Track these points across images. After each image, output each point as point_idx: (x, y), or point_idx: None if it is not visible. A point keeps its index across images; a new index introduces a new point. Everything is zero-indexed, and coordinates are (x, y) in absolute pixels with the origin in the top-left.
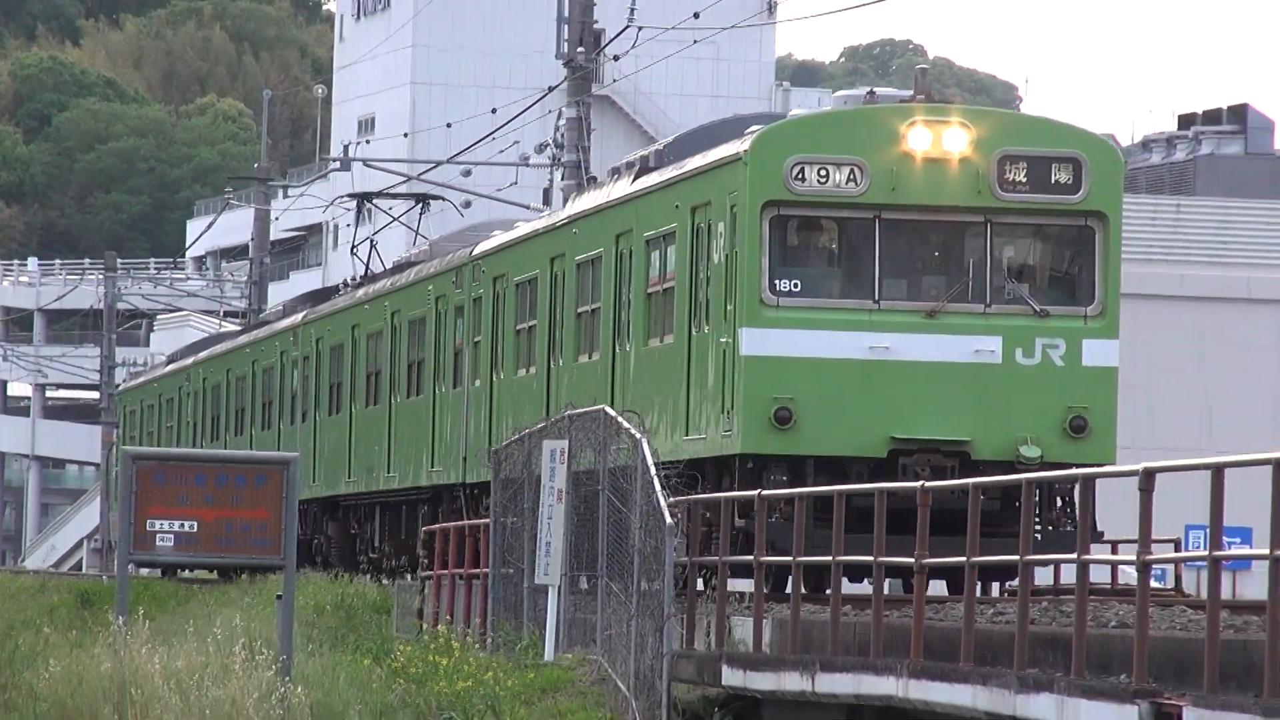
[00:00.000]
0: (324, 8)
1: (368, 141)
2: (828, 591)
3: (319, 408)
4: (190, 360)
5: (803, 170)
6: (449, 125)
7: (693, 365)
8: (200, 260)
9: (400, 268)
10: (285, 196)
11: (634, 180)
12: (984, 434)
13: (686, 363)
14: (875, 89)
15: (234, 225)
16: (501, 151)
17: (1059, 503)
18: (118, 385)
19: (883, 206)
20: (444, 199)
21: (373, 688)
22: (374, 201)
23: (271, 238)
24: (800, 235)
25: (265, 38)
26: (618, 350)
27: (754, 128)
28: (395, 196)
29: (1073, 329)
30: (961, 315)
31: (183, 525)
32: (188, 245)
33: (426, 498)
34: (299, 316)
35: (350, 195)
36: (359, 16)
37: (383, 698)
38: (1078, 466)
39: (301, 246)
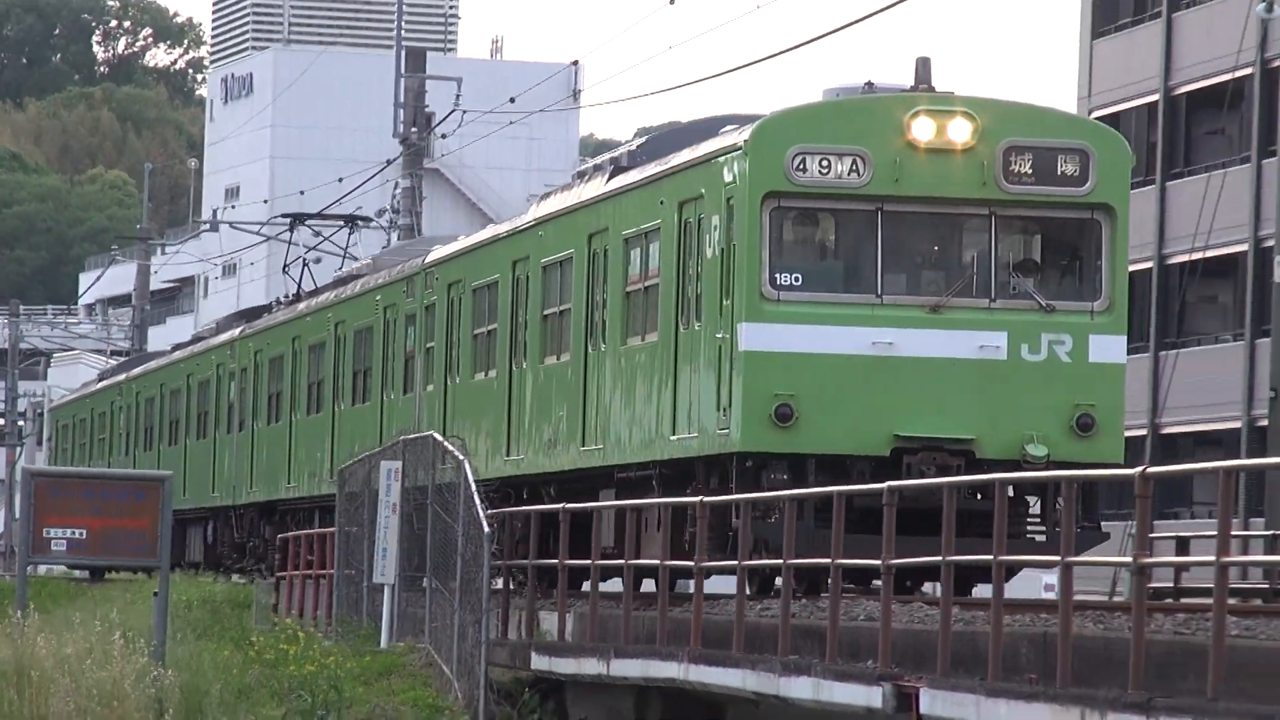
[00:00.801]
0: (196, 92)
1: (233, 207)
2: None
3: (257, 417)
4: (123, 376)
5: (804, 160)
6: (302, 193)
7: (680, 362)
8: (90, 307)
9: (343, 281)
10: (163, 254)
11: (608, 180)
12: (989, 432)
13: (673, 360)
14: (873, 80)
15: (120, 278)
16: (361, 213)
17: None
18: (22, 413)
19: (885, 198)
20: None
21: (233, 671)
22: (306, 223)
23: (151, 288)
24: (801, 227)
25: (147, 118)
26: (590, 351)
27: (729, 127)
28: (327, 218)
29: (1079, 324)
30: (966, 310)
31: (74, 533)
32: (80, 294)
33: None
34: (236, 331)
35: (285, 215)
36: (226, 100)
37: (241, 679)
38: (1085, 465)
39: (176, 295)
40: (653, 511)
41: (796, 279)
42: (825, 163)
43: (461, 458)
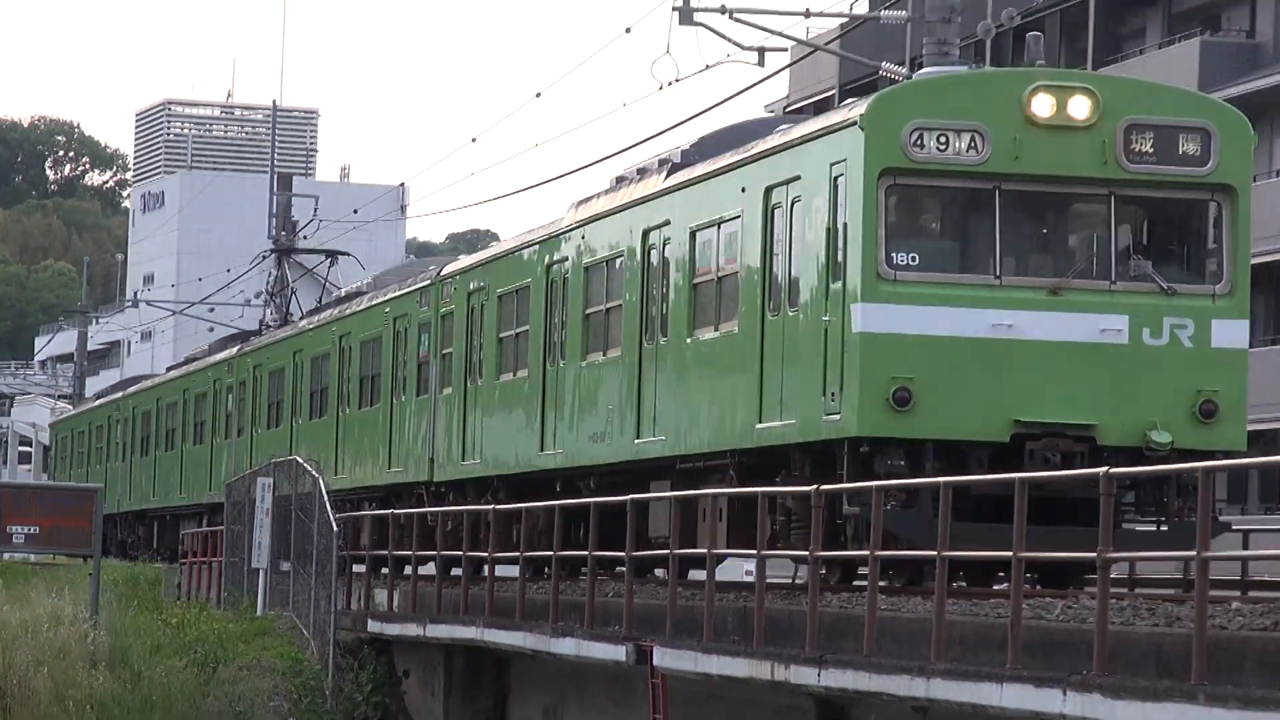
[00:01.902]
0: (122, 204)
1: (149, 289)
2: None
3: (257, 423)
4: (119, 394)
5: (921, 136)
6: (200, 279)
7: (768, 349)
8: (43, 363)
9: (344, 299)
10: (96, 323)
11: (666, 177)
12: (1111, 418)
13: (758, 347)
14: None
15: (65, 341)
16: (234, 295)
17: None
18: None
19: (1003, 176)
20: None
21: (148, 632)
22: (292, 257)
23: (88, 349)
24: (918, 206)
25: (85, 224)
26: (646, 344)
27: (779, 126)
28: (310, 252)
29: (1201, 308)
30: (1086, 292)
31: (30, 529)
32: (36, 353)
33: (378, 495)
34: (233, 350)
35: (273, 250)
36: (144, 210)
37: (155, 638)
38: (1207, 454)
39: (107, 354)
40: (704, 501)
41: (913, 259)
42: (943, 139)
43: (316, 475)
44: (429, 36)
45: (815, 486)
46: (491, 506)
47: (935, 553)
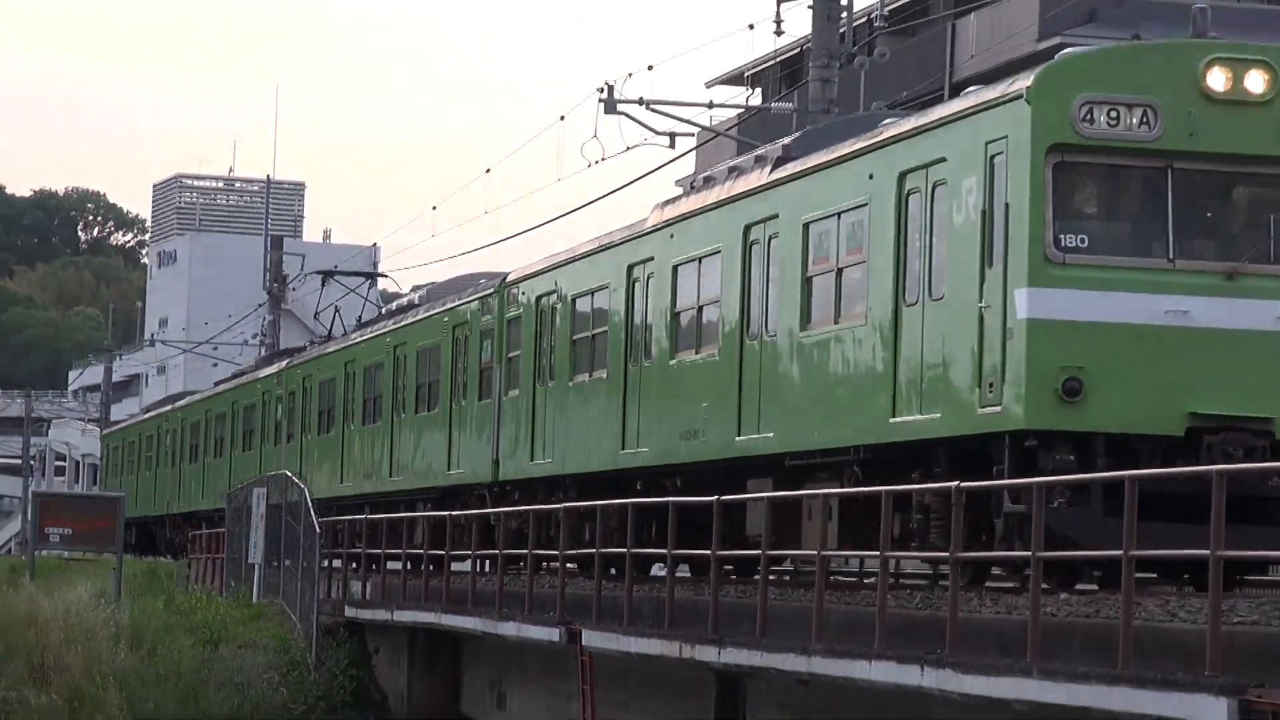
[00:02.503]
0: (142, 260)
1: (164, 331)
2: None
3: (306, 431)
4: (169, 407)
5: (1091, 111)
6: (206, 323)
7: (904, 340)
8: (75, 392)
9: (394, 313)
10: (120, 360)
11: (772, 171)
12: None
13: (894, 338)
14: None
15: (94, 374)
16: (235, 336)
17: None
18: (33, 455)
19: (1177, 154)
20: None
21: (162, 616)
22: (335, 278)
23: (112, 381)
24: (1087, 185)
25: (111, 276)
26: (747, 341)
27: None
28: (349, 274)
29: None
30: (1263, 277)
31: (64, 530)
32: (69, 385)
33: (435, 496)
34: (281, 364)
35: (318, 272)
36: (160, 266)
37: (167, 621)
38: None
39: (128, 385)
40: (811, 500)
41: (1082, 240)
42: (1114, 114)
43: (302, 487)
44: (397, 120)
45: (956, 484)
46: (560, 505)
47: (1121, 553)
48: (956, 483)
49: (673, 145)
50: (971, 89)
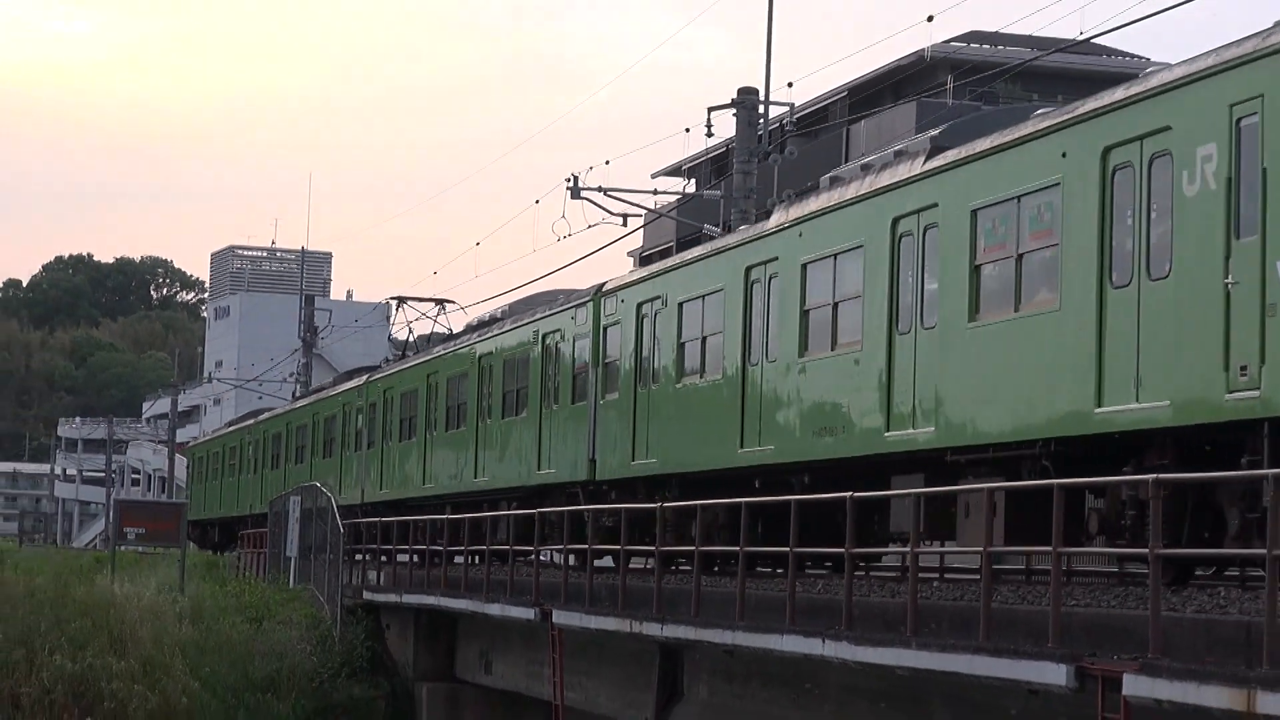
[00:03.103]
0: (202, 314)
1: (219, 370)
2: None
3: (387, 437)
4: (250, 421)
5: None
6: (253, 365)
7: (1109, 325)
8: (148, 419)
9: (477, 326)
10: (183, 394)
11: (927, 160)
12: None
13: (1095, 323)
14: None
15: (162, 405)
16: (275, 375)
17: None
18: (115, 471)
19: None
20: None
21: (217, 598)
22: (407, 303)
23: (178, 410)
24: None
25: (177, 327)
26: (899, 333)
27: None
28: (421, 299)
29: None
30: None
31: (139, 530)
32: (143, 414)
33: (520, 495)
34: (361, 380)
35: (393, 298)
36: (216, 319)
37: (222, 602)
38: None
39: (190, 414)
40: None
41: None
42: None
43: (329, 495)
44: (407, 201)
45: (1154, 476)
46: (659, 504)
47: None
48: (1154, 476)
49: (625, 224)
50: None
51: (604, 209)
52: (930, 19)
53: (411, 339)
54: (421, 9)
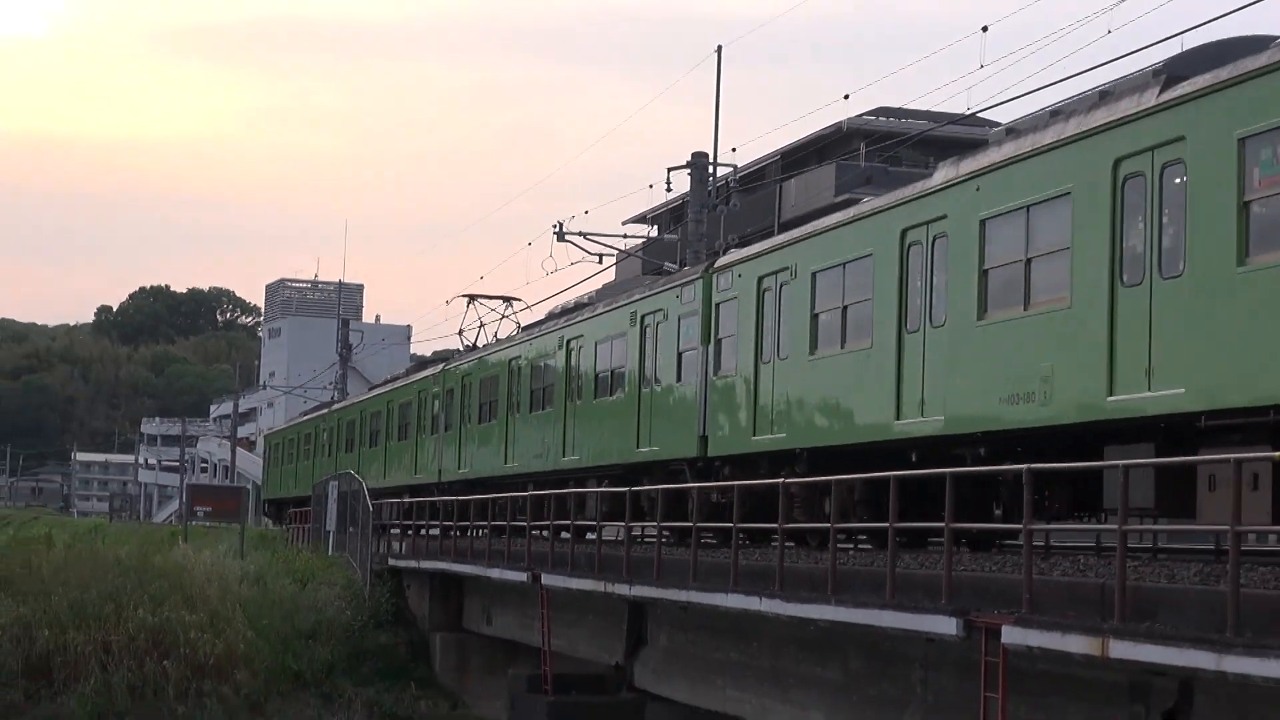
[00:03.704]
0: (259, 334)
1: (272, 379)
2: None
3: (465, 421)
4: (324, 410)
5: None
6: (299, 375)
7: None
8: (214, 419)
9: (563, 313)
10: (243, 398)
11: (1163, 91)
12: None
13: None
14: None
15: (225, 408)
16: (317, 383)
17: None
18: (188, 460)
19: None
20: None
21: (270, 564)
22: (477, 299)
23: (239, 411)
24: None
25: (238, 345)
26: (1120, 287)
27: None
28: (490, 298)
29: None
30: None
31: (207, 509)
32: (211, 414)
33: (616, 474)
34: (437, 368)
35: (463, 295)
36: (269, 338)
37: (274, 567)
38: None
39: (248, 416)
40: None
41: None
42: None
43: (361, 480)
44: (428, 239)
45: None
46: (783, 480)
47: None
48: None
49: (600, 262)
50: None
51: (584, 249)
52: (846, 97)
53: (474, 332)
54: (435, 85)
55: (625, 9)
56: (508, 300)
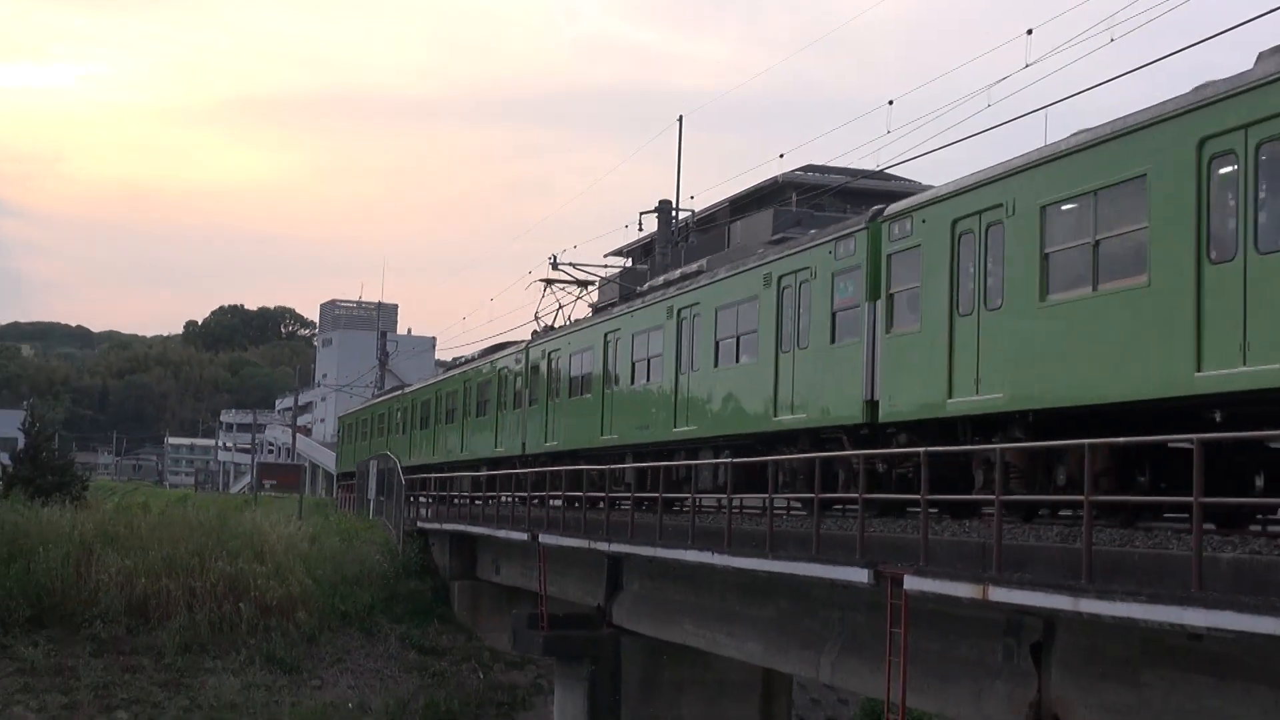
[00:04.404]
0: (314, 343)
1: (325, 379)
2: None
3: (552, 395)
4: (398, 392)
5: None
6: (347, 376)
7: None
8: (279, 410)
9: (673, 283)
10: (302, 394)
11: None
12: None
13: None
14: None
15: (287, 401)
16: (360, 382)
17: None
18: (256, 444)
19: None
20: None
21: (324, 525)
22: (553, 284)
23: (299, 404)
24: None
25: (297, 352)
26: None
27: None
28: (573, 282)
29: None
30: None
31: (273, 482)
32: (276, 406)
33: (746, 443)
34: (519, 346)
35: (541, 280)
36: (323, 346)
37: (326, 526)
38: None
39: (306, 406)
40: None
41: None
42: None
43: (395, 459)
44: (445, 268)
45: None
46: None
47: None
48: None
49: (585, 287)
50: None
51: (572, 279)
52: (781, 156)
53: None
54: (455, 144)
55: (607, 86)
56: (582, 284)
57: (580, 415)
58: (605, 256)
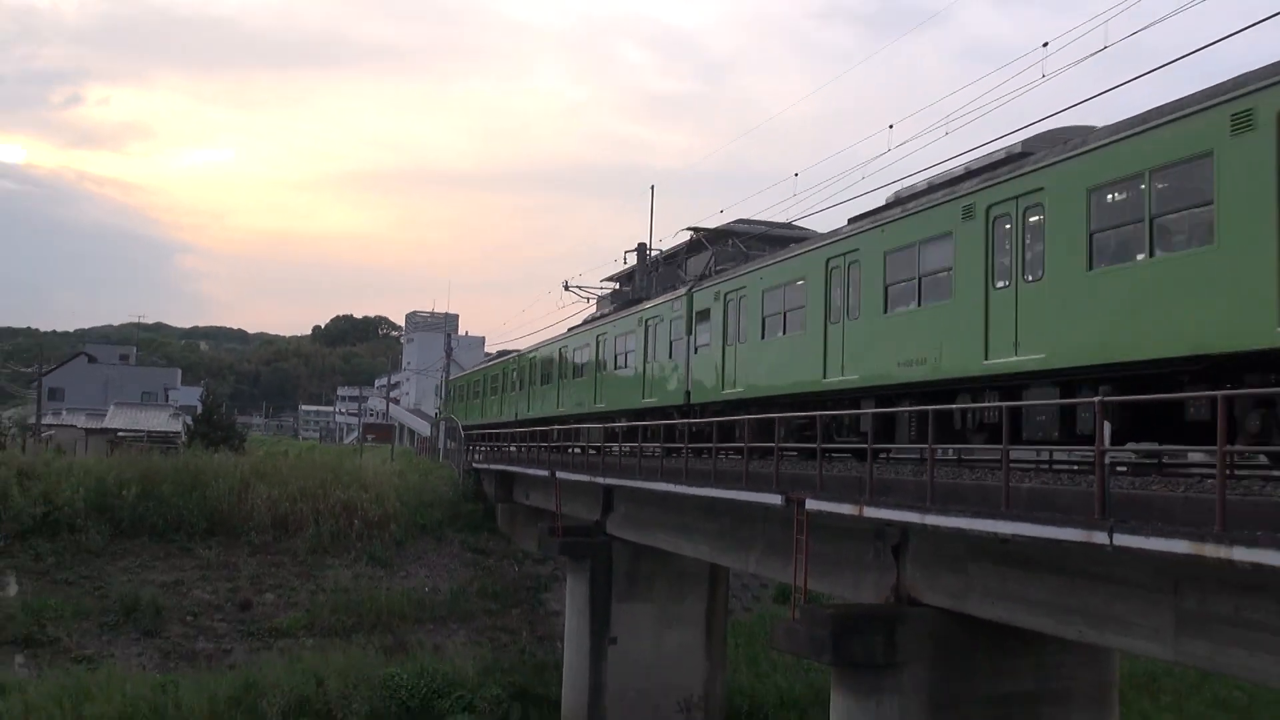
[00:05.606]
0: (401, 342)
1: (409, 366)
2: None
3: (674, 354)
4: (502, 359)
5: None
6: (424, 365)
7: None
8: (378, 386)
9: (858, 218)
10: (390, 378)
11: None
12: None
13: None
14: None
15: (381, 381)
16: (432, 369)
17: None
18: (364, 409)
19: None
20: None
21: (409, 467)
22: (450, 357)
23: (391, 383)
24: None
25: (388, 350)
26: None
27: None
28: (713, 230)
29: None
30: None
31: (371, 436)
32: (375, 385)
33: (889, 393)
34: (678, 293)
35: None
36: (406, 344)
37: (410, 468)
38: None
39: (395, 385)
40: None
41: None
42: None
43: (457, 420)
44: (488, 292)
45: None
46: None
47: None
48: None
49: (589, 301)
50: None
51: (581, 295)
52: (721, 211)
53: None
54: (499, 205)
55: (603, 163)
56: (729, 237)
57: (710, 369)
58: (602, 281)
